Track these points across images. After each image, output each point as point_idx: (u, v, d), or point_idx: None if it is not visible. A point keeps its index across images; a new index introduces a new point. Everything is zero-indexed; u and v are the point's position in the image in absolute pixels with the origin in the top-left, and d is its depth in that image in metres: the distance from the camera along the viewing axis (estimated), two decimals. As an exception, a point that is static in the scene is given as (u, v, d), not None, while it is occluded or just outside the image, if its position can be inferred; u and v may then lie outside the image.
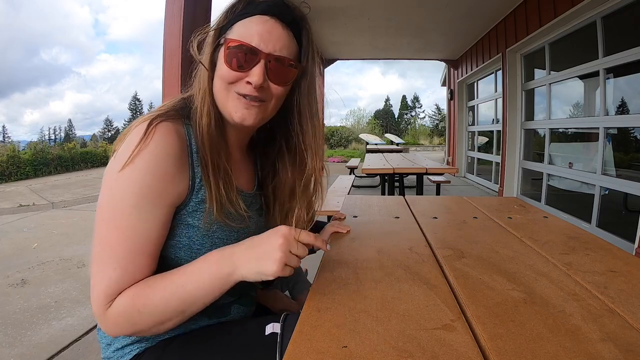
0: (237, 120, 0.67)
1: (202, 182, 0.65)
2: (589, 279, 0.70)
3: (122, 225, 0.58)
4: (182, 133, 0.64)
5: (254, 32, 0.65)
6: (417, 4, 4.97)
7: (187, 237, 0.65)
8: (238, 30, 0.65)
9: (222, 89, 0.67)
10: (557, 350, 0.47)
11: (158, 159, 0.59)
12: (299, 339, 0.50)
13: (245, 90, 0.65)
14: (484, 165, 7.23)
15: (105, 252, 0.58)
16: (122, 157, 0.58)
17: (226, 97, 0.67)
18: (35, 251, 3.44)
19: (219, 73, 0.66)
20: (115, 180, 0.58)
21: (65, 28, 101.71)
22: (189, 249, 0.66)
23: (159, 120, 0.61)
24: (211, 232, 0.67)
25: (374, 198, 1.51)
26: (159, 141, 0.59)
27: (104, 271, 0.58)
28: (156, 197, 0.59)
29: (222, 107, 0.68)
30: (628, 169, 3.33)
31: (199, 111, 0.66)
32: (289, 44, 0.67)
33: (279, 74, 0.67)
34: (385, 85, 73.48)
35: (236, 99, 0.66)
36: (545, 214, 1.23)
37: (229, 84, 0.66)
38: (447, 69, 9.01)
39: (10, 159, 9.03)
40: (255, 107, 0.67)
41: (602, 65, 3.39)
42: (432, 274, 0.72)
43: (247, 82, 0.65)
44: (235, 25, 0.66)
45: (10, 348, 1.82)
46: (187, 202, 0.64)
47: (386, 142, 13.40)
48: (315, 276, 0.71)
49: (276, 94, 0.68)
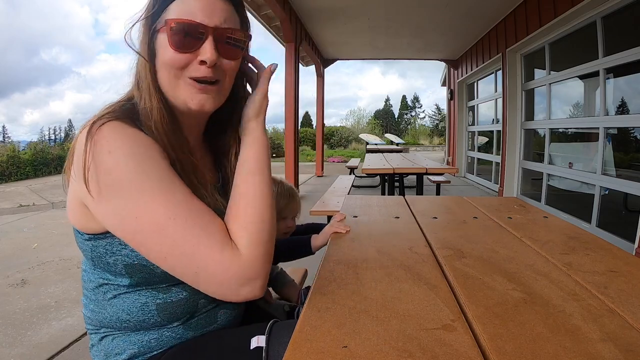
0: (194, 107, 0.62)
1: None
2: (589, 279, 0.70)
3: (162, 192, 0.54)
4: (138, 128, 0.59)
5: (194, 8, 0.59)
6: (417, 4, 4.97)
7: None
8: (176, 10, 0.60)
9: (170, 78, 0.61)
10: (557, 350, 0.47)
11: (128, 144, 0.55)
12: (299, 339, 0.50)
13: (199, 72, 0.60)
14: (484, 165, 7.23)
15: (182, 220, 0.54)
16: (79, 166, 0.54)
17: (176, 85, 0.62)
18: (35, 251, 3.44)
19: (164, 60, 0.61)
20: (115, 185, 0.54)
21: (65, 28, 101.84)
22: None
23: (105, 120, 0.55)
24: None
25: (374, 198, 1.51)
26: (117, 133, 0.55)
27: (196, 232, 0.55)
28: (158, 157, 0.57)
29: (173, 97, 0.63)
30: (628, 169, 3.33)
31: (149, 109, 0.60)
32: (231, 15, 0.63)
33: (229, 48, 0.62)
34: (385, 85, 73.51)
35: (189, 84, 0.61)
36: (545, 214, 1.23)
37: (179, 70, 0.61)
38: (447, 69, 9.01)
39: (10, 159, 9.03)
40: (212, 90, 0.63)
41: (602, 65, 3.39)
42: (432, 274, 0.72)
43: (201, 62, 0.60)
44: (170, 7, 0.60)
45: (10, 348, 1.82)
46: None
47: (386, 142, 13.40)
48: (315, 276, 0.71)
49: (229, 70, 0.64)
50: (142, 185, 0.54)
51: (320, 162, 8.95)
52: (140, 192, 0.54)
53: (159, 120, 0.60)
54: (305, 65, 8.50)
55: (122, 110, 0.60)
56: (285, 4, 4.85)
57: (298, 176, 5.96)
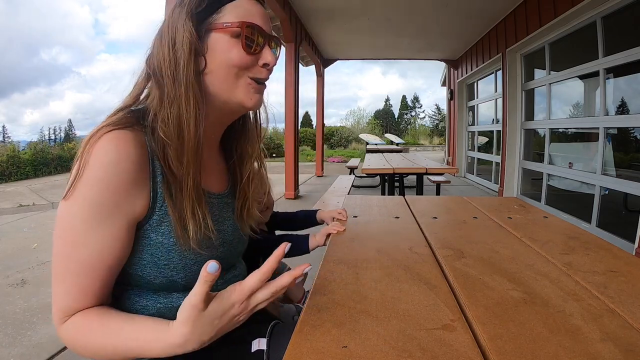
0: (250, 106, 0.64)
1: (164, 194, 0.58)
2: (589, 279, 0.70)
3: (71, 242, 0.54)
4: (140, 140, 0.57)
5: (255, 13, 0.62)
6: (417, 4, 4.97)
7: (150, 254, 0.59)
8: (234, 13, 0.60)
9: (230, 77, 0.61)
10: (557, 350, 0.47)
11: (107, 169, 0.53)
12: (299, 338, 0.50)
13: (262, 74, 0.63)
14: (484, 165, 7.23)
15: (57, 268, 0.56)
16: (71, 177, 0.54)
17: (235, 84, 0.62)
18: (35, 251, 3.44)
19: (228, 60, 0.60)
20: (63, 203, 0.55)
21: (65, 28, 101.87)
22: (154, 265, 0.60)
23: (107, 129, 0.55)
24: (177, 245, 0.60)
25: (374, 198, 1.51)
26: (107, 150, 0.53)
27: (57, 285, 0.56)
28: (107, 212, 0.54)
29: (227, 97, 0.62)
30: (628, 169, 3.33)
31: (182, 116, 0.58)
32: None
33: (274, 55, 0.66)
34: (385, 85, 73.54)
35: (248, 84, 0.63)
36: (545, 214, 1.23)
37: (243, 70, 0.62)
38: (447, 69, 9.01)
39: (10, 159, 9.03)
40: (263, 90, 0.65)
41: (602, 65, 3.39)
42: (432, 274, 0.72)
43: (263, 65, 0.63)
44: (226, 8, 0.61)
45: (10, 348, 1.82)
46: (149, 215, 0.58)
47: (386, 142, 13.40)
48: (315, 276, 0.71)
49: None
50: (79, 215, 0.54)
51: (320, 162, 8.95)
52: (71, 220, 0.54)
53: (192, 132, 0.58)
54: (305, 65, 8.49)
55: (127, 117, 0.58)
56: (285, 4, 4.85)
57: (298, 176, 5.96)
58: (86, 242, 0.54)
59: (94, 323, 0.56)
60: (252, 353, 0.66)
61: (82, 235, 0.54)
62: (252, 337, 0.68)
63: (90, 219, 0.53)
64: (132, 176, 0.55)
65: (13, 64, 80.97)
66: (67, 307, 0.56)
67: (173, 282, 0.62)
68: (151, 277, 0.61)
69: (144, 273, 0.60)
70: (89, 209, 0.53)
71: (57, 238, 0.55)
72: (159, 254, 0.60)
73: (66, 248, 0.55)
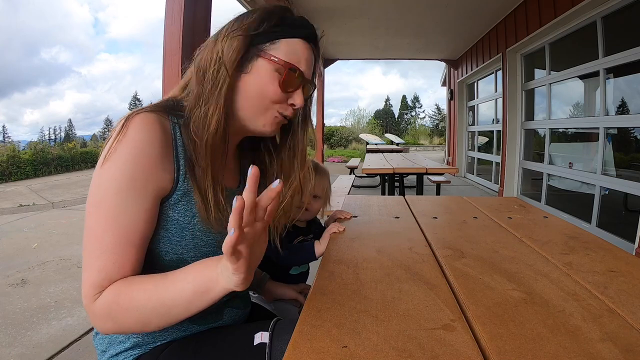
0: (265, 132, 0.69)
1: (186, 175, 0.63)
2: (589, 279, 0.70)
3: (107, 214, 0.57)
4: (166, 125, 0.62)
5: (302, 57, 0.67)
6: (418, 4, 4.97)
7: (166, 229, 0.63)
8: (285, 51, 0.65)
9: (259, 104, 0.66)
10: (557, 350, 0.47)
11: (139, 146, 0.58)
12: (299, 338, 0.50)
13: (288, 111, 0.68)
14: (484, 165, 7.23)
15: (91, 243, 0.57)
16: (105, 151, 0.58)
17: (262, 112, 0.67)
18: (35, 251, 3.44)
19: (262, 89, 0.65)
20: (99, 173, 0.58)
21: (65, 27, 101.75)
22: (167, 241, 0.64)
23: (139, 111, 0.60)
24: (192, 225, 0.65)
25: (374, 198, 1.51)
26: (139, 129, 0.58)
27: (91, 261, 0.57)
28: (139, 186, 0.58)
29: (249, 117, 0.67)
30: (628, 169, 3.33)
31: (208, 118, 0.62)
32: (313, 66, 0.71)
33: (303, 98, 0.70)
34: (386, 85, 73.61)
35: (275, 117, 0.68)
36: (545, 214, 1.23)
37: (273, 103, 0.66)
38: (447, 69, 9.01)
39: (10, 159, 9.03)
40: (284, 123, 0.71)
41: (602, 65, 3.39)
42: (432, 274, 0.72)
43: (290, 104, 0.68)
44: (279, 42, 0.65)
45: (10, 348, 1.82)
46: (171, 194, 0.62)
47: (386, 142, 13.40)
48: (315, 276, 0.71)
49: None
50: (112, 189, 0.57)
51: (320, 162, 8.95)
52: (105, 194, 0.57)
53: (212, 131, 0.63)
54: (305, 65, 8.49)
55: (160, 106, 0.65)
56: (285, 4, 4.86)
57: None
58: (122, 213, 0.57)
59: (135, 279, 0.58)
60: (254, 346, 0.67)
61: (118, 207, 0.57)
62: (255, 331, 0.69)
63: (124, 192, 0.57)
64: (160, 155, 0.60)
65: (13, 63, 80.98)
66: (101, 282, 0.57)
67: (182, 260, 0.64)
68: (162, 252, 0.64)
69: (157, 247, 0.64)
70: (124, 182, 0.57)
71: (92, 213, 0.58)
72: (173, 230, 0.64)
73: (100, 222, 0.57)
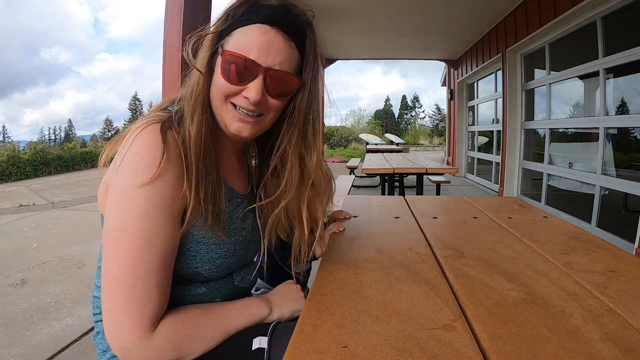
0: (232, 132, 0.65)
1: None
2: (589, 279, 0.70)
3: (140, 240, 0.55)
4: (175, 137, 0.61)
5: (253, 43, 0.61)
6: (418, 4, 4.97)
7: (180, 244, 0.63)
8: (237, 40, 0.62)
9: (217, 99, 0.64)
10: (557, 350, 0.47)
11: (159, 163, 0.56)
12: (299, 339, 0.50)
13: (242, 103, 0.63)
14: (484, 165, 7.23)
15: (126, 276, 0.54)
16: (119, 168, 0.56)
17: (221, 107, 0.64)
18: (35, 251, 3.44)
19: (215, 82, 0.63)
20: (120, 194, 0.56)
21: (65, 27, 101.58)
22: (182, 256, 0.63)
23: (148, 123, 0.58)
24: (206, 238, 0.64)
25: (374, 198, 1.51)
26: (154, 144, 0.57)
27: (131, 293, 0.54)
28: (167, 205, 0.57)
29: (218, 116, 0.65)
30: (628, 169, 3.33)
31: (189, 118, 0.62)
32: (290, 56, 0.64)
33: (277, 88, 0.64)
34: (386, 85, 73.52)
35: (232, 110, 0.64)
36: (545, 214, 1.23)
37: (226, 96, 0.63)
38: (447, 69, 9.01)
39: (10, 159, 9.03)
40: (251, 121, 0.65)
41: (602, 65, 3.39)
42: (432, 274, 0.72)
43: (245, 97, 0.62)
44: (234, 33, 0.62)
45: (10, 348, 1.82)
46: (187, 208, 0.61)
47: (386, 142, 13.40)
48: (316, 276, 0.71)
49: (274, 107, 0.66)
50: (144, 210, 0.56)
51: (320, 162, 8.93)
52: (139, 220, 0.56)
53: (194, 131, 0.61)
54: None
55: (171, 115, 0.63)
56: (285, 4, 4.85)
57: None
58: (155, 237, 0.56)
59: (196, 310, 0.63)
60: (252, 351, 0.67)
61: (149, 231, 0.55)
62: (254, 335, 0.69)
63: (153, 214, 0.56)
64: (177, 171, 0.58)
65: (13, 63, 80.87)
66: (153, 314, 0.56)
67: (197, 274, 0.65)
68: (177, 267, 0.63)
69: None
70: (151, 204, 0.56)
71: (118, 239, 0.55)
72: (188, 245, 0.63)
73: (132, 249, 0.55)
